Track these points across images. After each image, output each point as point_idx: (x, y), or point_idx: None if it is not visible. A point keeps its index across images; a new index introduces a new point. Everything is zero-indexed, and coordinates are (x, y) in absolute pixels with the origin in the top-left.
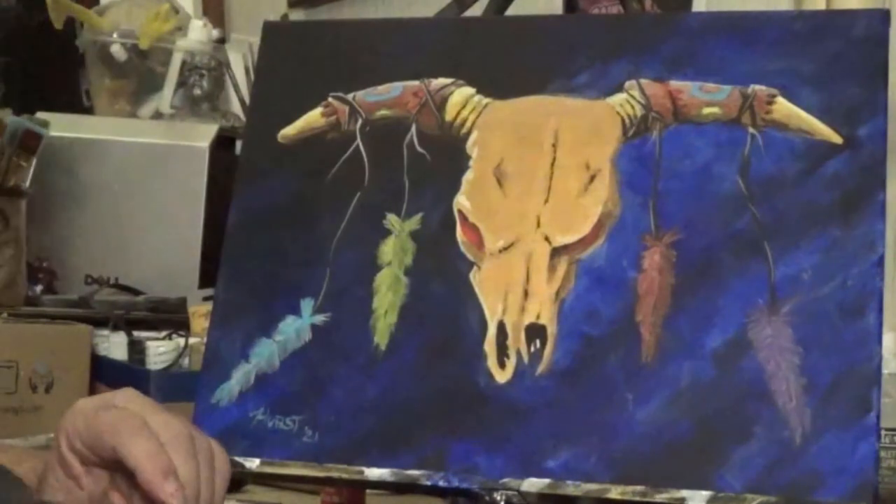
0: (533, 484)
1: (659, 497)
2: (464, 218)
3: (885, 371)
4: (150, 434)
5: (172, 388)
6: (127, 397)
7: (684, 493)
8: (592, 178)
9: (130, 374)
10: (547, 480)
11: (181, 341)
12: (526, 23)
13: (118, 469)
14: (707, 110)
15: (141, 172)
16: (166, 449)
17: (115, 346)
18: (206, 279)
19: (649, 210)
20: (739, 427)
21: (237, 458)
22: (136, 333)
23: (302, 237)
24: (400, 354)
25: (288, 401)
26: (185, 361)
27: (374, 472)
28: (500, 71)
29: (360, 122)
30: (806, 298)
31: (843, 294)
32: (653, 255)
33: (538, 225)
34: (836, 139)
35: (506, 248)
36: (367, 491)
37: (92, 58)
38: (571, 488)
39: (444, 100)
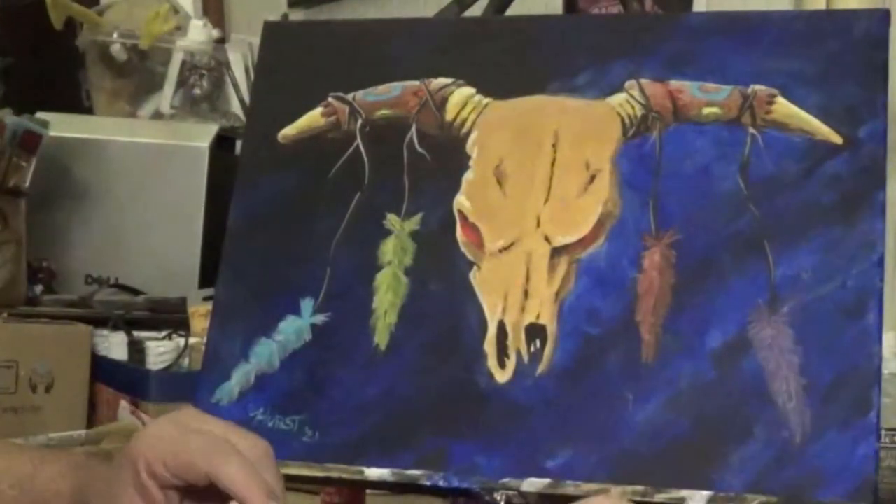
0: (533, 484)
1: (659, 497)
2: (464, 218)
3: (885, 371)
4: (242, 457)
5: (172, 388)
6: (201, 419)
7: (684, 493)
8: (592, 178)
9: (130, 374)
10: (547, 480)
11: (181, 341)
12: (526, 23)
13: (195, 491)
14: (707, 110)
15: (141, 172)
16: (258, 470)
17: (115, 346)
18: (206, 279)
19: (649, 210)
20: (739, 427)
21: None
22: (136, 333)
23: (302, 237)
24: (400, 354)
25: (288, 401)
26: (185, 361)
27: (374, 472)
28: (500, 71)
29: (360, 122)
30: (806, 298)
31: (842, 294)
32: (653, 255)
33: (538, 225)
34: (836, 139)
35: (506, 248)
36: (367, 491)
37: (92, 58)
38: (571, 488)
39: (444, 100)
